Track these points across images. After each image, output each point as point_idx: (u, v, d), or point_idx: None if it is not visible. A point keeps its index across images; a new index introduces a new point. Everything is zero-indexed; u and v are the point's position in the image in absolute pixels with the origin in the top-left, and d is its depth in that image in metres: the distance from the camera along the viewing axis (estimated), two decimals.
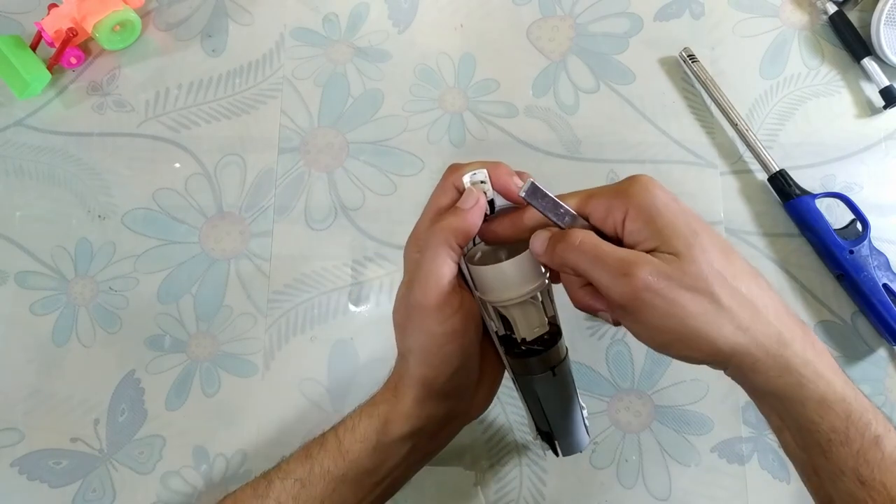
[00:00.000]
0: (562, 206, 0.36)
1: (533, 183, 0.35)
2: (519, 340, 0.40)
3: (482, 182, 0.38)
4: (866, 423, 0.33)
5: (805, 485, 0.37)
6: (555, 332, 0.40)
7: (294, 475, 0.42)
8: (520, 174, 0.39)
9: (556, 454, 0.45)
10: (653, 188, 0.35)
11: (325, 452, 0.42)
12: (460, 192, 0.39)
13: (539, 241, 0.37)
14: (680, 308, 0.33)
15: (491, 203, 0.39)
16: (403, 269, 0.41)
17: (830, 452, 0.34)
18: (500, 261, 0.38)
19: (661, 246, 0.34)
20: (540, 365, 0.40)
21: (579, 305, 0.38)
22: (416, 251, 0.39)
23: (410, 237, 0.40)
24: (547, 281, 0.39)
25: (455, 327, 0.38)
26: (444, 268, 0.37)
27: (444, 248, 0.37)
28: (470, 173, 0.38)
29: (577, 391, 0.43)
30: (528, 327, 0.39)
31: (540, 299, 0.39)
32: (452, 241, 0.37)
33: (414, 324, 0.39)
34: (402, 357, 0.41)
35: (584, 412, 0.45)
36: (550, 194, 0.36)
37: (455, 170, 0.40)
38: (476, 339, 0.40)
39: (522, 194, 0.35)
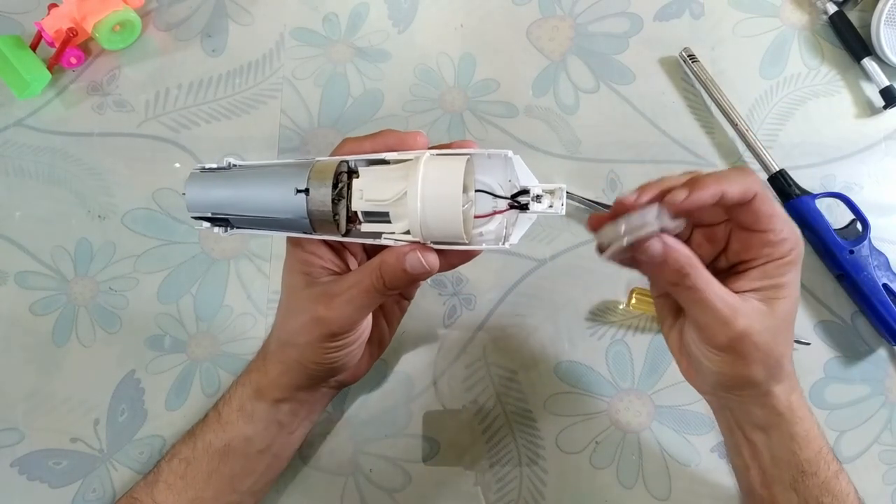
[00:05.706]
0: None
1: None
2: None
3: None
4: (830, 459, 0.39)
5: None
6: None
7: (179, 455, 0.43)
8: (460, 144, 0.38)
9: None
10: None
11: (207, 427, 0.43)
12: None
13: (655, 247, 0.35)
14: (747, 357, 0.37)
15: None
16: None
17: (800, 483, 0.38)
18: None
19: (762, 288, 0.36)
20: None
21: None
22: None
23: None
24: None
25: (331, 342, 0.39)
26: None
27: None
28: None
29: None
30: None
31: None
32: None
33: (297, 314, 0.40)
34: (274, 326, 0.43)
35: None
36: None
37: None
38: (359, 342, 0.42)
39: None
